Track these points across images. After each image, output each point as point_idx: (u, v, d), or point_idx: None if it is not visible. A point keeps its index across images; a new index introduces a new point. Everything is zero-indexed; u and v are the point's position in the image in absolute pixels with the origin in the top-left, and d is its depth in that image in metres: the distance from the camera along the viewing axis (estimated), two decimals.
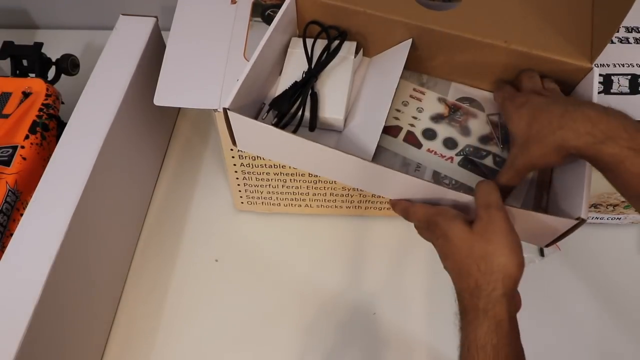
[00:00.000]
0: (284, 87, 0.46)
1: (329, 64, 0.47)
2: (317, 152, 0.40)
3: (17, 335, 0.39)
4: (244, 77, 0.42)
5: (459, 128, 0.47)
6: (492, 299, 0.34)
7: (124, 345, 0.55)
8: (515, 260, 0.35)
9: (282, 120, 0.44)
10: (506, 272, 0.34)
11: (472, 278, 0.35)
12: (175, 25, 0.55)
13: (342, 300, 0.58)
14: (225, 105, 0.40)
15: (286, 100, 0.45)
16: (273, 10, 0.55)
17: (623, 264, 0.60)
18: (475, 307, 0.34)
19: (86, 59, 0.65)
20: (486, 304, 0.34)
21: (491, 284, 0.34)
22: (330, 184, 0.57)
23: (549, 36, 0.43)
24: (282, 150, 0.43)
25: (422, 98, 0.48)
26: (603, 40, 0.41)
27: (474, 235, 0.36)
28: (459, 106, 0.48)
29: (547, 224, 0.38)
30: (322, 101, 0.45)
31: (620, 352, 0.54)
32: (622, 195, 0.36)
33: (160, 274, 0.60)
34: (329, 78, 0.46)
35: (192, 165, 0.69)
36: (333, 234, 0.63)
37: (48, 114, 0.55)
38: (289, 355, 0.54)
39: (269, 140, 0.43)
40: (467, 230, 0.36)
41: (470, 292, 0.35)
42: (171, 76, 0.51)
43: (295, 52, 0.48)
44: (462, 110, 0.48)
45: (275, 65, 0.48)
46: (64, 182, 0.47)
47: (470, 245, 0.36)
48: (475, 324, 0.34)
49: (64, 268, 0.44)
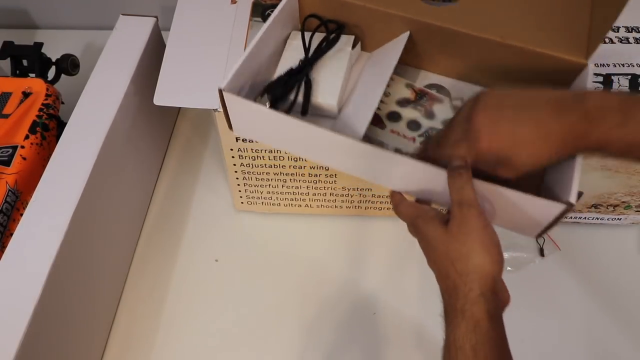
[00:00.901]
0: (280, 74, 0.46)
1: (326, 54, 0.47)
2: (308, 133, 0.40)
3: (17, 334, 0.39)
4: (240, 61, 0.42)
5: (424, 112, 0.47)
6: (469, 300, 0.34)
7: (124, 345, 0.55)
8: (491, 259, 0.35)
9: (276, 105, 0.45)
10: (482, 272, 0.34)
11: (450, 279, 0.35)
12: (175, 25, 0.55)
13: (342, 300, 0.58)
14: (220, 87, 0.40)
15: (280, 85, 0.45)
16: (273, 10, 0.55)
17: (623, 264, 0.60)
18: (454, 308, 0.35)
19: (86, 59, 0.65)
20: (463, 304, 0.34)
21: (468, 284, 0.34)
22: (330, 184, 0.57)
23: (545, 32, 0.43)
24: (276, 133, 0.43)
25: (390, 84, 0.49)
26: (599, 37, 0.41)
27: (448, 236, 0.36)
28: (425, 92, 0.48)
29: (535, 208, 0.38)
30: (317, 88, 0.46)
31: (621, 351, 0.54)
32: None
33: (160, 274, 0.60)
34: (324, 67, 0.47)
35: (192, 165, 0.69)
36: (333, 234, 0.63)
37: (48, 114, 0.55)
38: (289, 354, 0.54)
39: (263, 123, 0.42)
40: (442, 232, 0.36)
41: (449, 293, 0.36)
42: (171, 76, 0.51)
43: (294, 43, 0.49)
44: (428, 95, 0.48)
45: (274, 56, 0.48)
46: (64, 182, 0.47)
47: (446, 247, 0.36)
48: (454, 324, 0.34)
49: (64, 268, 0.44)
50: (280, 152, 0.53)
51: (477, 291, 0.34)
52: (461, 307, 0.34)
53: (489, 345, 0.33)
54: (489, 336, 0.33)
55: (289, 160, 0.54)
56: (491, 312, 0.34)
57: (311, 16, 0.48)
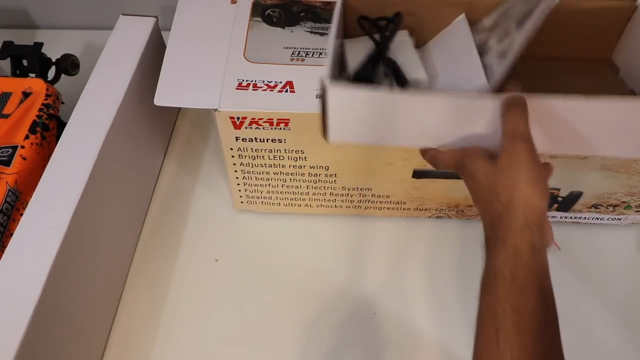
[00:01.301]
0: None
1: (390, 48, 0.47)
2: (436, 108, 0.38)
3: (17, 335, 0.39)
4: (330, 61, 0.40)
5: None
6: (513, 230, 0.34)
7: (124, 345, 0.55)
8: (538, 192, 0.34)
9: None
10: (528, 204, 0.34)
11: (495, 211, 0.35)
12: (175, 25, 0.55)
13: (342, 300, 0.58)
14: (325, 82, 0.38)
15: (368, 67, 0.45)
16: (273, 10, 0.55)
17: (623, 264, 0.60)
18: (495, 238, 0.34)
19: (86, 59, 0.65)
20: (505, 234, 0.34)
21: (512, 215, 0.34)
22: (330, 184, 0.57)
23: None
24: (392, 125, 0.41)
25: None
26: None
27: (496, 170, 0.36)
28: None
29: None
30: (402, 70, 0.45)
31: (621, 351, 0.54)
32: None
33: (160, 273, 0.60)
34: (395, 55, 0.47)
35: (192, 165, 0.69)
36: (333, 234, 0.62)
37: (48, 114, 0.55)
38: (289, 355, 0.54)
39: (376, 115, 0.40)
40: (489, 166, 0.36)
41: (492, 224, 0.35)
42: (171, 76, 0.51)
43: (353, 45, 0.49)
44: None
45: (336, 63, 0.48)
46: (64, 182, 0.47)
47: (493, 180, 0.36)
48: (494, 252, 0.34)
49: (64, 268, 0.44)
50: (280, 152, 0.53)
51: (522, 221, 0.34)
52: (503, 237, 0.34)
53: (529, 273, 0.33)
54: (530, 265, 0.33)
55: (289, 160, 0.54)
56: (535, 244, 0.33)
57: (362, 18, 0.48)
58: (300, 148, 0.52)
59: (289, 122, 0.49)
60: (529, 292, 0.32)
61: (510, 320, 0.32)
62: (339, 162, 0.54)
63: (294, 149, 0.53)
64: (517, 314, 0.32)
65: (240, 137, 0.51)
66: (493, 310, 0.33)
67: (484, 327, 0.33)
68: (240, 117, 0.49)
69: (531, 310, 0.32)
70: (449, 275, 0.59)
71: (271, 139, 0.51)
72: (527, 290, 0.32)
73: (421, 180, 0.56)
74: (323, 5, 0.56)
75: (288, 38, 0.53)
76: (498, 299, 0.33)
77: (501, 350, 0.31)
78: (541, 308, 0.33)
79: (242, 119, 0.49)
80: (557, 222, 0.61)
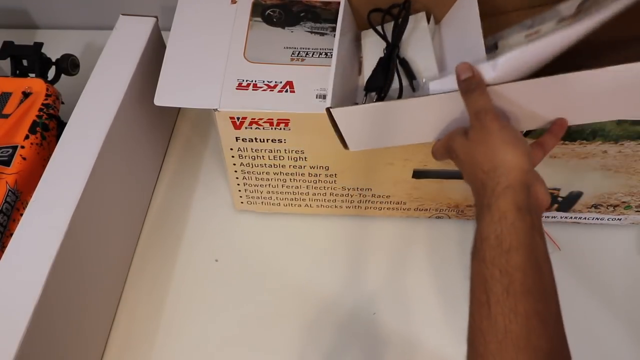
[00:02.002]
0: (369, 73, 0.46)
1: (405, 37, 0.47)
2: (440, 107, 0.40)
3: (17, 335, 0.39)
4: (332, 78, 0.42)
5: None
6: (495, 193, 0.34)
7: (124, 345, 0.55)
8: (515, 151, 0.35)
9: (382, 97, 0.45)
10: (509, 165, 0.34)
11: (479, 181, 0.36)
12: (175, 25, 0.55)
13: (342, 300, 0.58)
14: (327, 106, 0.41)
15: (379, 76, 0.45)
16: (273, 10, 0.55)
17: (623, 264, 0.60)
18: (481, 205, 0.35)
19: (86, 59, 0.65)
20: (489, 198, 0.34)
21: (494, 179, 0.34)
22: (330, 184, 0.57)
23: None
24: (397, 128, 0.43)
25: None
26: None
27: (470, 143, 0.37)
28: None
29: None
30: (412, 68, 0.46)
31: (620, 352, 0.54)
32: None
33: (160, 274, 0.60)
34: (409, 47, 0.47)
35: (192, 165, 0.69)
36: (333, 234, 0.62)
37: (48, 114, 0.55)
38: (289, 355, 0.54)
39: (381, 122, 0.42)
40: (466, 142, 0.38)
41: (478, 193, 0.36)
42: (171, 76, 0.51)
43: (368, 41, 0.49)
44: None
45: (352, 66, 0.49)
46: (64, 182, 0.47)
47: (472, 153, 0.37)
48: (480, 218, 0.34)
49: (64, 268, 0.44)
50: (280, 152, 0.53)
51: (504, 184, 0.34)
52: (487, 202, 0.34)
53: (515, 235, 0.32)
54: (515, 226, 0.33)
55: (289, 160, 0.54)
56: (519, 204, 0.33)
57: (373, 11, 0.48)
58: (300, 148, 0.52)
59: (289, 122, 0.49)
60: (516, 253, 0.32)
61: (500, 283, 0.31)
62: (339, 162, 0.54)
63: (294, 149, 0.53)
64: (506, 277, 0.31)
65: (240, 137, 0.51)
66: (482, 275, 0.33)
67: (475, 293, 0.33)
68: (240, 117, 0.49)
69: (521, 271, 0.31)
70: (449, 275, 0.59)
71: (271, 139, 0.51)
72: (514, 252, 0.32)
73: (421, 181, 0.56)
74: (323, 5, 0.56)
75: (288, 38, 0.53)
76: (486, 264, 0.33)
77: (492, 314, 0.31)
78: (532, 269, 0.32)
79: (242, 119, 0.49)
80: (557, 222, 0.61)
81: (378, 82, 0.45)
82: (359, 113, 0.42)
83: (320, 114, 0.42)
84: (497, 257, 0.32)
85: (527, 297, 0.31)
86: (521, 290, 0.31)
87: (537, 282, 0.32)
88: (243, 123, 0.50)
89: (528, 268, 0.32)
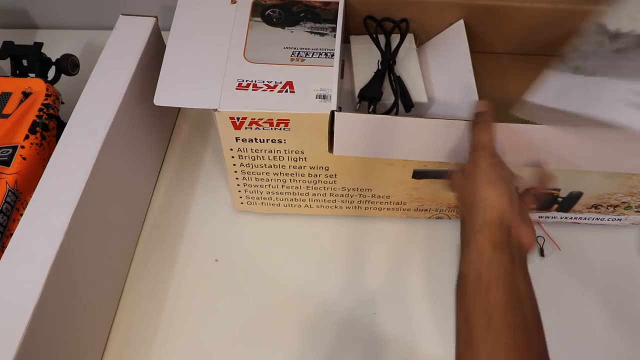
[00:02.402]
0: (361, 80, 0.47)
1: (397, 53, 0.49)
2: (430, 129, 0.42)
3: (16, 335, 0.39)
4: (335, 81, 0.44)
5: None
6: (474, 230, 0.35)
7: (124, 345, 0.55)
8: (496, 192, 0.36)
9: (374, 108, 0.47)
10: (486, 203, 0.36)
11: (461, 215, 0.38)
12: (175, 25, 0.55)
13: (342, 300, 0.58)
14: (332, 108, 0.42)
15: (376, 87, 0.47)
16: (273, 10, 0.55)
17: (623, 265, 0.60)
18: (462, 242, 0.36)
19: (86, 59, 0.64)
20: (469, 235, 0.35)
21: (474, 216, 0.36)
22: (330, 184, 0.57)
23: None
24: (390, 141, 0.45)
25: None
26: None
27: (465, 178, 0.39)
28: None
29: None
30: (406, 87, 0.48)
31: (621, 352, 0.54)
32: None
33: (160, 274, 0.60)
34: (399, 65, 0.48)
35: (192, 165, 0.69)
36: (333, 234, 0.63)
37: (48, 114, 0.55)
38: (289, 355, 0.54)
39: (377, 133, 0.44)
40: (461, 177, 0.39)
41: (461, 228, 0.37)
42: (171, 76, 0.51)
43: (359, 47, 0.49)
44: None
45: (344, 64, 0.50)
46: (64, 182, 0.47)
47: (462, 189, 0.39)
48: (462, 254, 0.36)
49: (64, 268, 0.44)
50: (280, 152, 0.53)
51: (481, 222, 0.35)
52: (467, 239, 0.35)
53: (494, 271, 0.33)
54: (493, 261, 0.33)
55: (289, 160, 0.54)
56: (497, 242, 0.34)
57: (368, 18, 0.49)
58: (300, 148, 0.52)
59: (288, 122, 0.49)
60: (495, 290, 0.32)
61: (481, 318, 0.32)
62: (339, 163, 0.54)
63: (293, 150, 0.52)
64: (486, 313, 0.32)
65: (240, 138, 0.51)
66: (465, 310, 0.33)
67: (459, 326, 0.34)
68: (240, 117, 0.49)
69: (500, 307, 0.32)
70: (448, 275, 0.58)
71: (271, 139, 0.51)
72: (494, 289, 0.32)
73: (421, 181, 0.56)
74: (323, 5, 0.56)
75: (288, 38, 0.53)
76: (468, 299, 0.33)
77: (475, 349, 0.31)
78: (512, 305, 0.32)
79: (242, 119, 0.49)
80: (557, 223, 0.61)
81: (373, 93, 0.46)
82: (362, 121, 0.42)
83: (320, 114, 0.43)
84: (477, 293, 0.33)
85: (510, 335, 0.31)
86: (503, 327, 0.31)
87: (518, 316, 0.32)
88: (243, 123, 0.50)
89: (510, 305, 0.32)
